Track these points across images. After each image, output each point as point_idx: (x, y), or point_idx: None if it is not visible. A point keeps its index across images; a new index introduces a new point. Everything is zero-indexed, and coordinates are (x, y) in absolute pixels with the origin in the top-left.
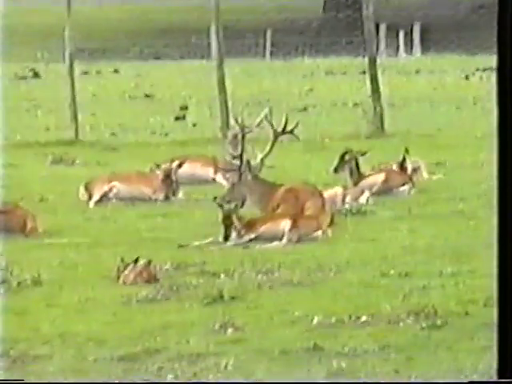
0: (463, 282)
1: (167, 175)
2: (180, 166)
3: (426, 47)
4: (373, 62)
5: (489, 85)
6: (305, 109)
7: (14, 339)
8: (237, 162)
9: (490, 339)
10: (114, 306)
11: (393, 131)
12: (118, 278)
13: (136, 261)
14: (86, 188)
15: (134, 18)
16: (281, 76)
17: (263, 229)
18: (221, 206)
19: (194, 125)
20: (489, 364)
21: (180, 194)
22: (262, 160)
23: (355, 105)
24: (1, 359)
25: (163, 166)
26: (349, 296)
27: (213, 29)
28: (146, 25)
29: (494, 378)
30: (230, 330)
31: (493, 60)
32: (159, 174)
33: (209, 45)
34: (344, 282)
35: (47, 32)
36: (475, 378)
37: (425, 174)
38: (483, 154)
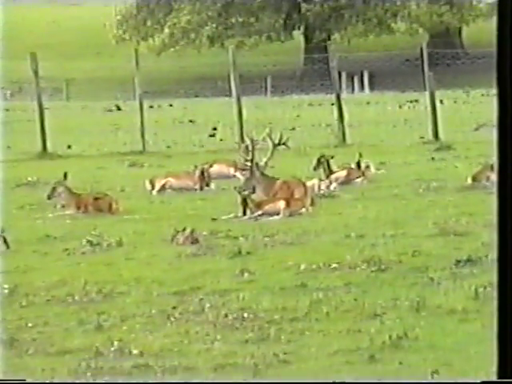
0: (398, 240)
1: (202, 173)
2: (211, 166)
3: (372, 87)
4: (338, 98)
5: (413, 112)
6: (293, 128)
7: (104, 282)
8: (249, 164)
9: (416, 278)
10: (170, 259)
11: (351, 142)
12: (172, 240)
13: (184, 229)
14: (150, 182)
15: (180, 71)
16: (277, 107)
17: (267, 208)
18: (239, 192)
19: (221, 140)
20: (410, 296)
21: (212, 186)
22: (265, 162)
23: (327, 125)
24: (96, 295)
25: (199, 167)
26: (324, 251)
27: (232, 76)
28: (189, 75)
29: (494, 378)
30: (246, 274)
31: (415, 94)
32: (197, 172)
33: (230, 87)
34: (320, 242)
35: (124, 80)
36: (407, 306)
37: (373, 170)
38: (411, 157)
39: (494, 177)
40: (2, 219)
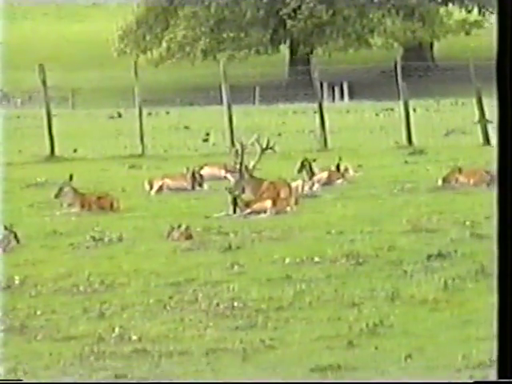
0: (375, 236)
1: (193, 174)
2: (201, 168)
3: (351, 96)
4: (320, 106)
5: (388, 119)
6: (279, 134)
7: (106, 274)
8: (239, 166)
9: (391, 271)
10: (166, 253)
11: (332, 147)
12: (168, 236)
13: (179, 226)
14: (149, 183)
15: (176, 81)
16: (265, 115)
17: (255, 206)
18: (230, 192)
19: (214, 144)
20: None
21: (205, 186)
22: (254, 165)
23: (310, 131)
24: (99, 286)
25: (190, 169)
26: (307, 246)
27: (223, 86)
28: (184, 85)
29: (494, 378)
30: (236, 267)
31: (390, 103)
32: (188, 173)
33: (221, 96)
34: (304, 238)
35: (124, 89)
36: (383, 296)
37: (351, 172)
38: (387, 160)
39: (462, 178)
40: (12, 216)
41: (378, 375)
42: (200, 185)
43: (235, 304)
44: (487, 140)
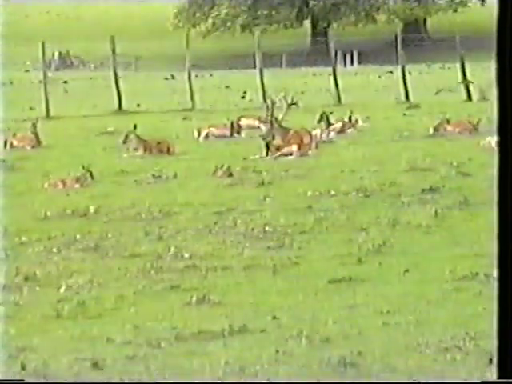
0: (379, 174)
1: (232, 124)
2: (239, 119)
3: (359, 62)
4: (334, 70)
5: (389, 80)
6: (302, 92)
7: (164, 204)
8: (270, 118)
9: (392, 202)
10: (213, 188)
11: (344, 102)
12: (214, 174)
13: (222, 166)
14: (198, 131)
15: (219, 50)
16: (290, 77)
17: (284, 150)
18: (263, 139)
19: (250, 100)
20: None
21: (243, 134)
22: (282, 117)
23: (327, 90)
24: (158, 214)
25: (231, 120)
26: (324, 182)
27: (257, 54)
28: (225, 53)
29: (494, 378)
30: (267, 199)
31: (391, 67)
32: (229, 123)
33: (255, 62)
34: (322, 175)
35: (177, 56)
36: (385, 222)
37: (361, 123)
38: (389, 113)
39: (449, 128)
40: (89, 158)
41: (382, 285)
42: (238, 133)
43: (267, 228)
44: (469, 97)
